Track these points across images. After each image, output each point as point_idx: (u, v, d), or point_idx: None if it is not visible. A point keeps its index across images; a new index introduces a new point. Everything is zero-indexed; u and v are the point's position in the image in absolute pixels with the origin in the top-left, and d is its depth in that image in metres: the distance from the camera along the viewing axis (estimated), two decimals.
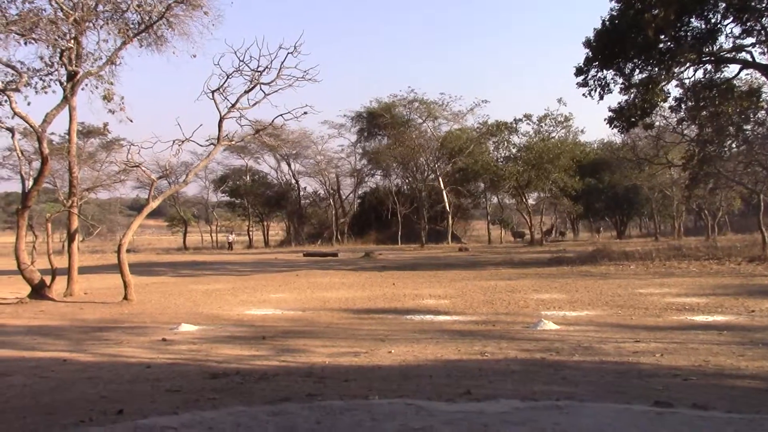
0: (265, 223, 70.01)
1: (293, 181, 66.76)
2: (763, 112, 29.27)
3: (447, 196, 57.40)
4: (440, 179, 57.35)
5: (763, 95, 29.04)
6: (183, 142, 19.42)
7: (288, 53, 18.89)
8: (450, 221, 57.84)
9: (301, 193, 67.70)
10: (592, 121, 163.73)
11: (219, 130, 20.05)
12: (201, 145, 20.74)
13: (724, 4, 25.91)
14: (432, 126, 60.55)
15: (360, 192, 68.55)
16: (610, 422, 5.06)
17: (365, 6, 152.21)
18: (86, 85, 20.48)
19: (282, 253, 46.64)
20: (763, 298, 15.16)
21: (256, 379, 7.71)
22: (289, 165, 65.56)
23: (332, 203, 65.57)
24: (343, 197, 67.83)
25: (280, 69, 19.23)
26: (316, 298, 17.76)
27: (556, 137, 50.78)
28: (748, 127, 28.78)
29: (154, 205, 19.98)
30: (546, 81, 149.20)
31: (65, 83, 19.52)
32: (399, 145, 56.28)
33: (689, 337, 10.56)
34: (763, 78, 28.60)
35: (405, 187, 64.54)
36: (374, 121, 61.01)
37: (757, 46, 27.46)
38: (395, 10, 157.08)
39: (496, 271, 25.42)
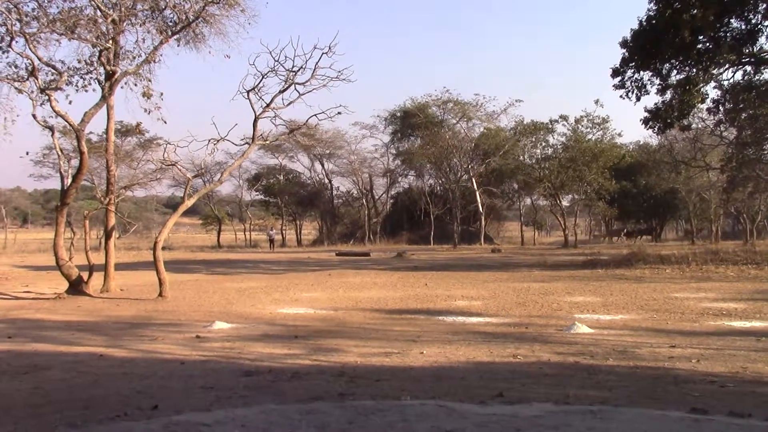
0: (298, 222, 70.37)
1: (326, 181, 67.04)
2: None
3: (480, 196, 57.13)
4: (473, 180, 57.11)
5: None
6: (218, 141, 19.59)
7: (323, 53, 18.94)
8: (483, 222, 57.56)
9: (334, 192, 67.97)
10: (628, 124, 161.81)
11: (254, 130, 20.17)
12: (236, 145, 20.91)
13: (765, 5, 25.46)
14: (466, 126, 60.36)
15: (393, 192, 68.60)
16: (644, 428, 5.00)
17: (399, 8, 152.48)
18: (125, 83, 20.80)
19: (314, 252, 46.84)
20: None
21: (288, 377, 7.76)
22: (322, 164, 65.86)
23: (365, 203, 65.67)
24: (376, 197, 67.90)
25: (314, 69, 19.29)
26: (348, 297, 17.79)
27: (593, 139, 50.29)
28: None
29: (189, 203, 20.19)
30: (582, 82, 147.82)
31: (104, 82, 19.83)
32: (432, 146, 56.15)
33: (726, 342, 10.39)
34: None
35: (438, 187, 64.44)
36: (408, 121, 60.93)
37: None
38: (426, 10, 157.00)
39: (529, 272, 25.23)
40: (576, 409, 5.62)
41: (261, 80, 19.44)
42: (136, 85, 21.02)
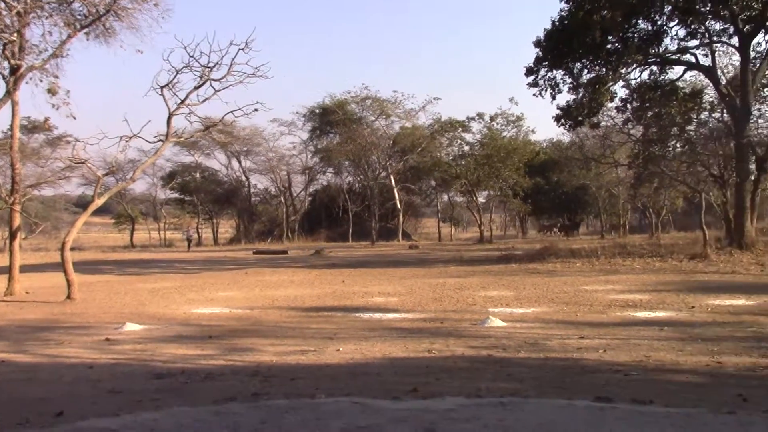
0: (215, 221, 69.25)
1: (244, 178, 66.13)
2: (705, 113, 30.11)
3: (398, 193, 57.55)
4: (392, 177, 57.46)
5: (706, 97, 29.89)
6: (130, 138, 19.07)
7: (239, 50, 18.71)
8: (401, 219, 58.00)
9: (252, 190, 67.13)
10: (542, 121, 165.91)
11: (168, 127, 19.74)
12: (149, 142, 20.37)
13: (669, 7, 26.54)
14: (384, 124, 60.67)
15: (311, 189, 68.24)
16: (552, 418, 5.14)
17: (319, 5, 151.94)
18: (30, 78, 19.99)
19: (231, 250, 46.18)
20: (703, 294, 15.56)
21: (201, 378, 7.64)
22: (239, 162, 64.94)
23: (283, 201, 65.15)
24: (294, 195, 67.42)
25: (230, 65, 19.04)
26: (264, 296, 17.63)
27: (508, 136, 51.32)
28: (691, 127, 29.55)
29: (99, 202, 19.59)
30: (498, 80, 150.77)
31: (8, 77, 19.01)
32: (351, 143, 56.19)
33: (631, 333, 10.79)
34: (706, 80, 29.40)
35: (356, 184, 64.53)
36: (326, 118, 60.78)
37: (701, 48, 28.26)
38: (349, 10, 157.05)
39: (446, 268, 25.58)
40: (487, 402, 5.73)
41: (175, 76, 19.04)
42: (41, 80, 20.27)
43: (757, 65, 27.29)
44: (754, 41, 27.19)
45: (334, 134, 61.69)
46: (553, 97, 28.15)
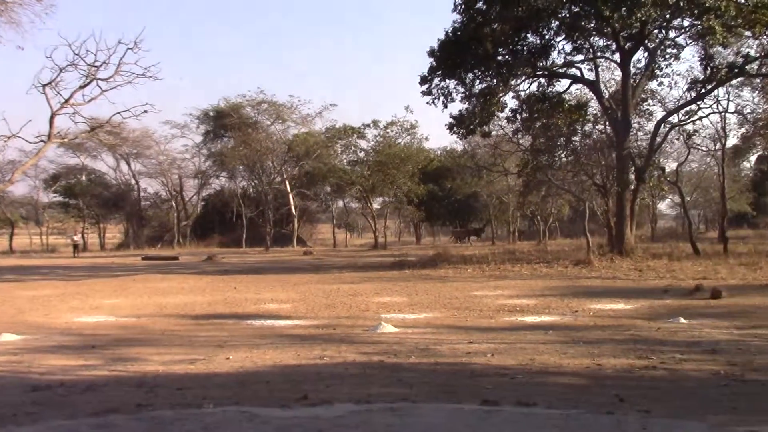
0: (102, 226, 66.63)
1: (133, 182, 63.92)
2: (589, 125, 31.43)
3: (293, 199, 57.17)
4: (287, 182, 57.03)
5: (590, 109, 31.23)
6: (9, 138, 18.18)
7: (128, 49, 18.17)
8: (296, 225, 57.64)
9: (142, 194, 65.01)
10: (436, 129, 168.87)
11: (50, 127, 18.94)
12: (30, 142, 19.44)
13: (557, 23, 27.60)
14: (280, 128, 60.14)
15: (204, 194, 66.76)
16: (440, 422, 5.22)
17: (212, 7, 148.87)
18: None
19: (119, 256, 44.57)
20: (586, 299, 16.23)
21: (81, 390, 7.31)
22: (129, 165, 62.72)
23: (174, 205, 63.38)
24: (186, 199, 65.79)
25: (119, 65, 18.49)
26: (152, 303, 17.11)
27: (402, 143, 51.93)
28: (576, 138, 30.78)
29: None
30: (395, 88, 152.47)
31: None
32: (246, 147, 55.39)
33: (518, 337, 11.10)
34: (591, 93, 30.72)
35: (251, 189, 63.60)
36: (221, 122, 59.65)
37: (586, 63, 29.54)
38: (243, 11, 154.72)
39: (340, 274, 25.60)
40: (377, 408, 5.75)
41: (59, 74, 18.36)
42: None
43: (637, 80, 28.78)
44: (634, 58, 28.75)
45: (229, 138, 60.64)
46: (445, 106, 28.75)
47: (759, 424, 5.60)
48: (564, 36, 28.19)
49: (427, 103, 29.12)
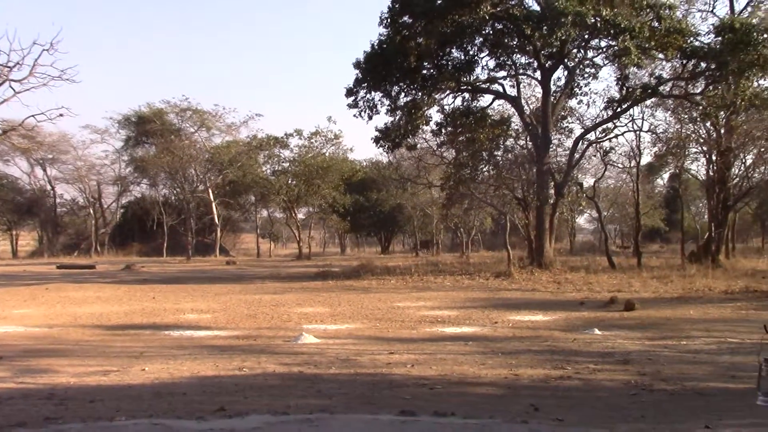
0: (14, 232, 64.02)
1: (48, 188, 61.72)
2: (511, 140, 32.10)
3: (216, 208, 56.31)
4: (210, 191, 56.14)
5: (512, 125, 31.90)
6: None
7: (43, 50, 17.61)
8: (218, 234, 56.76)
9: (58, 200, 62.78)
10: (363, 141, 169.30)
11: None
12: None
13: (480, 39, 28.12)
14: (204, 136, 59.21)
15: (124, 201, 65.00)
16: None
17: (136, 8, 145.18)
18: None
19: (32, 264, 42.89)
20: (506, 311, 16.53)
21: None
22: (44, 170, 60.53)
23: (92, 212, 61.47)
24: (105, 206, 63.93)
25: (33, 66, 17.86)
26: (66, 313, 16.54)
27: (327, 154, 51.87)
28: (499, 153, 31.35)
29: None
30: (321, 99, 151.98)
31: None
32: (168, 154, 54.26)
33: (439, 348, 11.21)
34: (513, 109, 31.38)
35: (173, 197, 62.28)
36: (143, 127, 58.34)
37: (508, 79, 30.21)
38: (167, 20, 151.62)
39: (262, 285, 25.32)
40: (294, 419, 5.71)
41: None
42: None
43: (557, 98, 29.59)
44: (555, 76, 29.60)
45: (151, 144, 59.32)
46: (370, 118, 28.90)
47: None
48: (487, 52, 28.77)
49: (354, 115, 29.29)
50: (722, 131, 30.17)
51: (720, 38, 25.45)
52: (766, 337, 4.85)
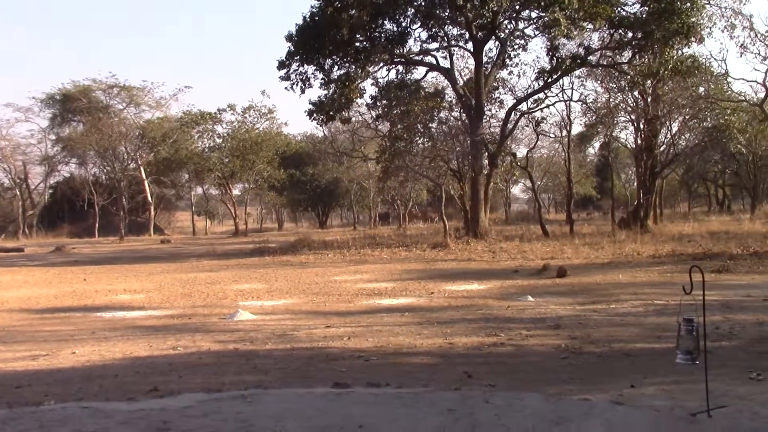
0: None
1: None
2: (445, 111, 32.22)
3: (149, 186, 55.20)
4: (142, 169, 54.97)
5: (446, 96, 32.02)
6: None
7: None
8: (152, 213, 55.77)
9: None
10: (298, 115, 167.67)
11: None
12: None
13: (413, 10, 28.07)
14: (134, 113, 57.81)
15: (52, 182, 63.17)
16: (290, 406, 5.22)
17: None
18: None
19: None
20: (442, 281, 16.73)
21: None
22: None
23: (18, 194, 59.58)
24: (32, 187, 62.01)
25: None
26: None
27: (261, 128, 51.29)
28: (433, 125, 31.45)
29: None
30: (253, 72, 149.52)
31: None
32: (97, 132, 52.78)
33: (375, 320, 11.28)
34: (446, 81, 31.49)
35: (103, 176, 60.76)
36: (69, 105, 56.62)
37: (441, 51, 30.26)
38: None
39: (198, 263, 25.02)
40: (228, 396, 5.67)
41: None
42: None
43: (489, 69, 29.80)
44: (487, 47, 29.76)
45: (78, 122, 57.61)
46: (303, 91, 28.65)
47: (592, 392, 5.97)
48: (420, 24, 28.78)
49: (286, 88, 28.95)
50: (649, 100, 30.89)
51: (645, 8, 25.98)
52: (685, 299, 5.00)
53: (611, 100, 33.35)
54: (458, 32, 29.79)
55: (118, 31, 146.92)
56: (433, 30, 29.25)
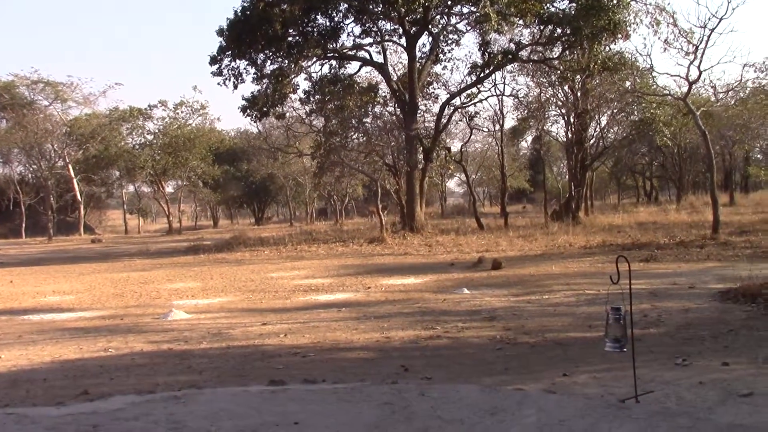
0: None
1: None
2: (379, 106, 32.28)
3: (78, 184, 53.67)
4: (70, 167, 53.38)
5: (380, 91, 32.08)
6: None
7: None
8: (82, 211, 54.24)
9: None
10: (231, 110, 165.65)
11: None
12: None
13: (345, 5, 28.02)
14: (60, 109, 56.00)
15: None
16: (224, 405, 5.15)
17: None
18: None
19: None
20: (379, 275, 16.78)
21: None
22: None
23: None
24: None
25: None
26: None
27: (193, 124, 50.50)
28: (368, 120, 31.48)
29: None
30: (185, 68, 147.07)
31: None
32: (21, 129, 51.00)
33: (312, 316, 11.24)
34: (380, 76, 31.54)
35: (29, 175, 58.82)
36: None
37: (374, 46, 30.29)
38: None
39: (131, 262, 24.49)
40: (160, 397, 5.57)
41: None
42: None
43: (422, 64, 29.99)
44: (419, 42, 29.97)
45: (0, 119, 55.56)
46: (236, 87, 28.37)
47: (526, 382, 6.09)
48: (353, 19, 28.76)
49: (218, 84, 28.63)
50: (579, 94, 31.55)
51: (574, 4, 26.51)
52: (613, 288, 5.15)
53: (542, 94, 33.95)
54: (391, 27, 29.90)
55: (42, 27, 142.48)
56: (366, 25, 29.29)
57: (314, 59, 29.08)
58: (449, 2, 27.28)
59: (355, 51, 30.06)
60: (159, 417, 4.84)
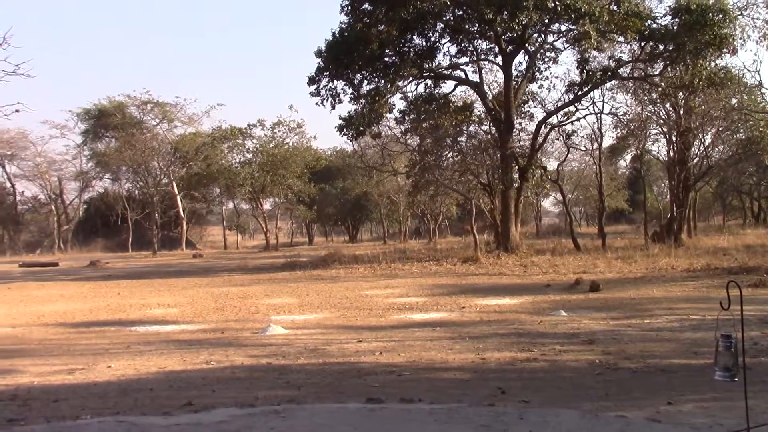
0: None
1: (8, 185, 60.61)
2: (474, 125, 32.19)
3: (181, 201, 55.75)
4: (174, 184, 55.52)
5: (475, 110, 32.00)
6: None
7: None
8: (184, 227, 56.25)
9: (18, 197, 61.69)
10: (327, 129, 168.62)
11: None
12: None
13: (442, 25, 28.15)
14: (166, 128, 58.44)
15: (86, 197, 64.05)
16: (323, 422, 5.22)
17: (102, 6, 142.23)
18: None
19: None
20: (473, 295, 16.65)
21: None
22: (3, 167, 59.44)
23: (54, 209, 60.51)
24: (67, 202, 62.93)
25: None
26: (29, 312, 16.26)
27: (290, 143, 51.71)
28: (462, 139, 31.44)
29: None
30: (283, 88, 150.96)
31: None
32: (130, 148, 53.50)
33: (407, 334, 11.25)
34: (475, 94, 31.48)
35: (136, 191, 61.51)
36: (103, 121, 57.40)
37: (470, 65, 30.27)
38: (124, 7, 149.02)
39: (230, 277, 25.18)
40: (261, 411, 5.69)
41: None
42: None
43: (518, 83, 29.74)
44: (516, 60, 29.73)
45: (111, 138, 58.43)
46: (333, 107, 28.81)
47: (628, 409, 5.90)
48: (449, 38, 28.83)
49: (316, 104, 29.18)
50: (681, 112, 30.59)
51: (677, 20, 25.76)
52: (722, 314, 4.93)
53: (643, 112, 33.09)
54: (487, 46, 29.81)
55: (149, 50, 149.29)
56: (462, 44, 29.29)
57: (410, 79, 29.28)
58: (547, 20, 26.94)
59: (450, 70, 30.11)
60: (261, 430, 4.95)
